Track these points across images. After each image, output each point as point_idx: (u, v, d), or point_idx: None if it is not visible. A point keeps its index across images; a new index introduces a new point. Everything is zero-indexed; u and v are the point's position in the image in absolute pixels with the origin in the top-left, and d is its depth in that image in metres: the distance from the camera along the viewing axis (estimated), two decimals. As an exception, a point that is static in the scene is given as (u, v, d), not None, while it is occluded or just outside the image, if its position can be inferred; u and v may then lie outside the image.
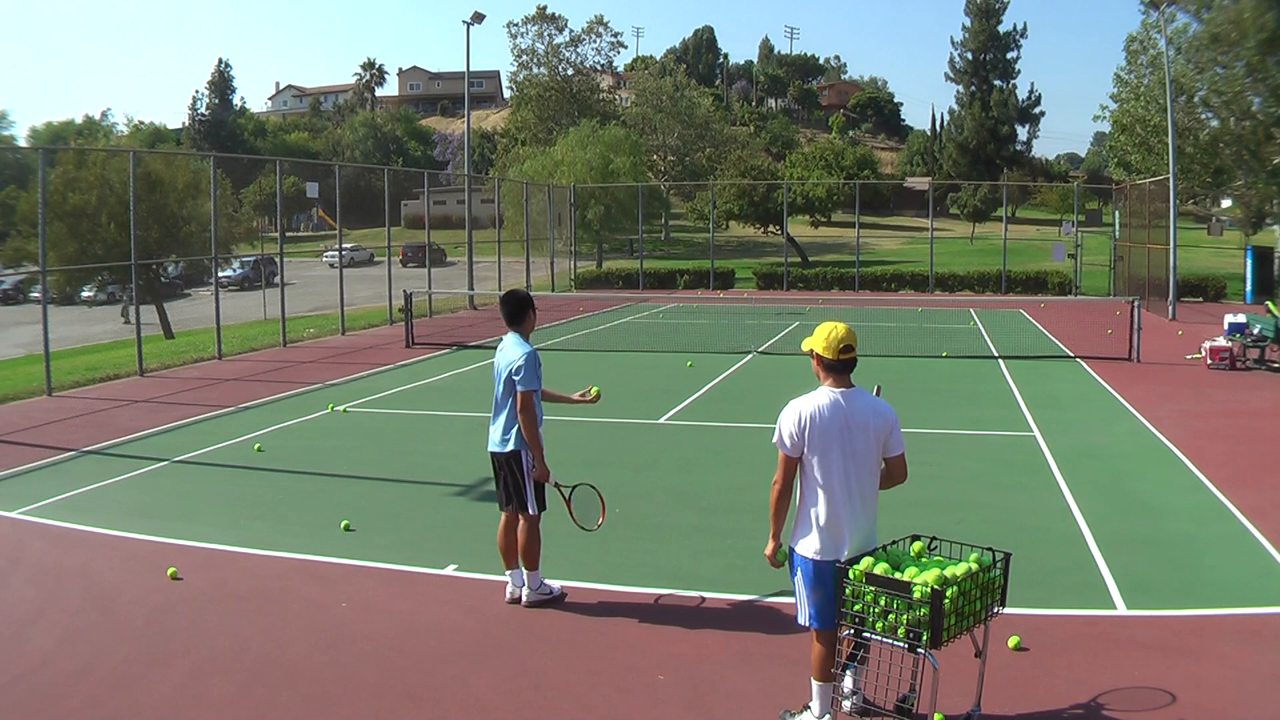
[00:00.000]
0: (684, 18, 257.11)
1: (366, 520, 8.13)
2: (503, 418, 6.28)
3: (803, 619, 4.63)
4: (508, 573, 6.41)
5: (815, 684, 4.63)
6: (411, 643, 5.79)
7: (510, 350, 6.22)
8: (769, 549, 4.67)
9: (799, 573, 4.60)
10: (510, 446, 6.24)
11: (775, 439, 4.61)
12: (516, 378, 6.09)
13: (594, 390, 6.64)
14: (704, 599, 6.39)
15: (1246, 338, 16.27)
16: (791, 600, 4.73)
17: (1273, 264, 28.97)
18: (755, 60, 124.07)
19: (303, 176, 41.54)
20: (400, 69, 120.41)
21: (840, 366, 4.57)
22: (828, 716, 4.59)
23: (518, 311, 6.32)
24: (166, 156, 33.72)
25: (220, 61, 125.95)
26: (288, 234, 61.64)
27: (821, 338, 4.58)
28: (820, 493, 4.52)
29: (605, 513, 6.49)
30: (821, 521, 4.52)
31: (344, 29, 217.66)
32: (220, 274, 24.58)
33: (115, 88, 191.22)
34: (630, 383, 15.43)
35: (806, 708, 4.70)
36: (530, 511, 6.27)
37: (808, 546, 4.54)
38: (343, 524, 7.92)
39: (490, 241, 32.00)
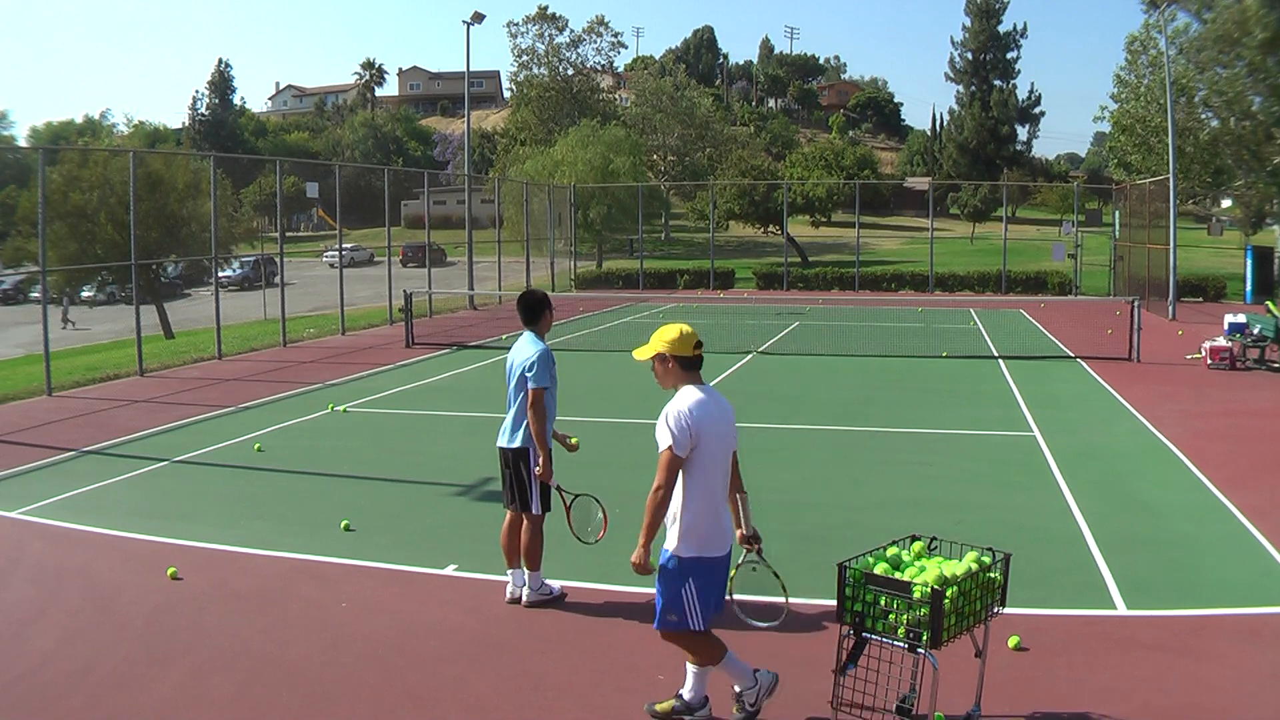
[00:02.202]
0: (684, 18, 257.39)
1: (366, 520, 8.13)
2: (513, 413, 6.29)
3: (694, 624, 4.55)
4: (509, 572, 6.42)
5: (694, 669, 4.74)
6: (411, 643, 5.79)
7: (524, 347, 6.25)
8: (639, 556, 4.55)
9: (689, 578, 4.52)
10: (519, 443, 6.25)
11: (667, 443, 4.47)
12: (529, 374, 6.10)
13: (574, 440, 6.50)
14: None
15: (1246, 338, 16.28)
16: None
17: (1273, 264, 29.00)
18: (755, 60, 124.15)
19: (303, 176, 41.56)
20: (400, 69, 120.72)
21: (699, 363, 4.69)
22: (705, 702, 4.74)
23: (534, 312, 6.35)
24: (166, 156, 33.71)
25: (220, 61, 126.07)
26: (288, 234, 61.61)
27: (673, 339, 4.62)
28: (703, 489, 4.54)
29: (606, 528, 6.18)
30: (709, 517, 4.54)
31: (344, 29, 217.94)
32: (220, 274, 24.58)
33: (115, 88, 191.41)
34: (630, 383, 15.42)
35: (678, 695, 4.82)
36: (534, 511, 6.28)
37: (695, 547, 4.52)
38: (343, 524, 7.93)
39: (490, 241, 31.98)
